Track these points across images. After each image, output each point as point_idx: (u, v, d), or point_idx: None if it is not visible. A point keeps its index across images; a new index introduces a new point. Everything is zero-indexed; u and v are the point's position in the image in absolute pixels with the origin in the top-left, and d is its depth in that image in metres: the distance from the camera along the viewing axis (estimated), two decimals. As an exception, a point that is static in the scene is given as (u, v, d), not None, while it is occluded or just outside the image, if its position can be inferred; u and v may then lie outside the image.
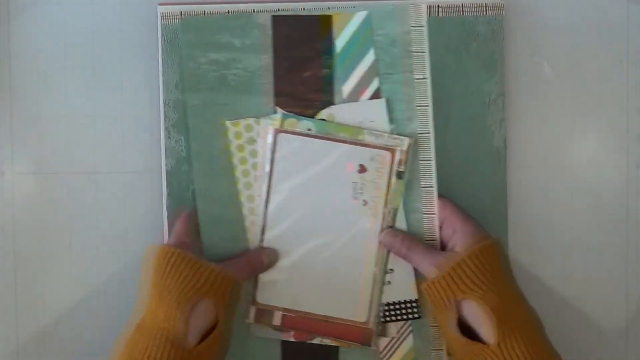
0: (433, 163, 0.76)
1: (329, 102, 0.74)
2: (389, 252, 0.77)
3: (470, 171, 0.82)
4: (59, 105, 0.82)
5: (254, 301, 0.76)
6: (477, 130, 0.82)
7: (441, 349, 0.78)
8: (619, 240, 0.84)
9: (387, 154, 0.74)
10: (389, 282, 0.76)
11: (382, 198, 0.74)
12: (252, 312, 0.76)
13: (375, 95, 0.74)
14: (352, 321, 0.75)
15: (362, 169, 0.74)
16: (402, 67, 0.74)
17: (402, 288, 0.76)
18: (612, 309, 0.84)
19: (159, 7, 0.80)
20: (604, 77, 0.84)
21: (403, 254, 0.76)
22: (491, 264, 0.73)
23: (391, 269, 0.76)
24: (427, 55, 0.74)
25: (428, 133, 0.75)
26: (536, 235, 0.84)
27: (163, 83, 0.80)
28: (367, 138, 0.74)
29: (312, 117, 0.74)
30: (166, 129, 0.80)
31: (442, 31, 0.81)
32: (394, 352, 0.77)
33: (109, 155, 0.82)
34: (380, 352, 0.79)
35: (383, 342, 0.78)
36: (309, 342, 0.78)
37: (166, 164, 0.80)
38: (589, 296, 0.84)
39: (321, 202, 0.74)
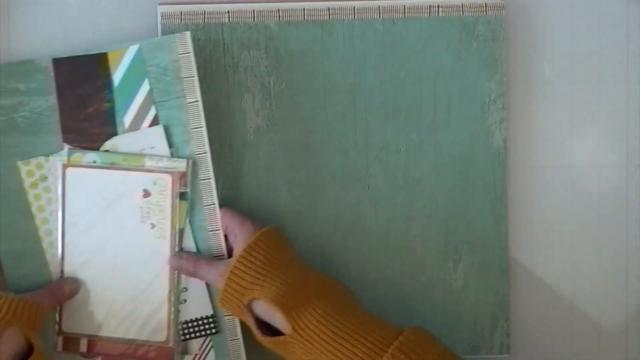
0: (212, 181, 0.77)
1: (113, 134, 0.77)
2: None
3: (470, 171, 0.82)
4: (59, 105, 0.82)
5: (60, 330, 0.78)
6: (477, 130, 0.82)
7: None
8: (618, 240, 0.84)
9: (168, 177, 0.76)
10: (185, 301, 0.78)
11: (169, 220, 0.77)
12: (60, 341, 0.78)
13: (154, 122, 0.77)
14: (153, 342, 0.78)
15: (147, 194, 0.77)
16: (175, 93, 0.77)
17: (197, 305, 0.78)
18: (612, 309, 0.84)
19: (159, 7, 0.80)
20: (604, 77, 0.84)
21: (191, 273, 0.77)
22: (265, 255, 0.74)
23: (185, 288, 0.78)
24: (196, 79, 0.76)
25: (205, 153, 0.77)
26: (536, 235, 0.84)
27: (163, 83, 0.80)
28: (149, 163, 0.77)
29: (98, 149, 0.77)
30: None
31: (442, 31, 0.82)
32: None
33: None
34: None
35: (187, 359, 0.79)
36: None
37: (166, 164, 0.81)
38: (589, 296, 0.84)
39: (114, 230, 0.77)
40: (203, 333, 0.78)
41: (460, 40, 0.82)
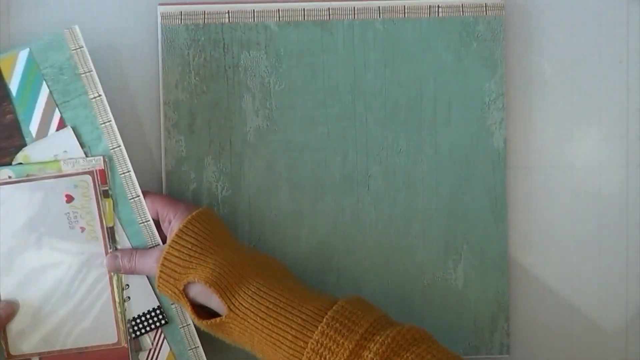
0: (132, 174, 0.76)
1: (22, 145, 0.76)
2: None
3: (470, 171, 0.82)
4: (58, 105, 0.82)
5: (9, 355, 0.77)
6: (477, 130, 0.82)
7: (197, 346, 0.78)
8: (619, 241, 0.84)
9: (88, 177, 0.76)
10: (129, 298, 0.77)
11: (96, 220, 0.76)
12: None
13: (61, 125, 0.76)
14: (104, 345, 0.77)
15: (69, 198, 0.76)
16: (77, 92, 0.76)
17: (142, 299, 0.77)
18: (612, 309, 0.84)
19: (159, 7, 0.80)
20: (604, 77, 0.84)
21: (130, 270, 0.76)
22: (196, 238, 0.73)
23: (127, 285, 0.77)
24: (94, 73, 0.75)
25: (119, 147, 0.76)
26: (536, 235, 0.84)
27: (163, 83, 0.80)
28: (65, 168, 0.76)
29: (10, 164, 0.76)
30: (166, 129, 0.80)
31: (442, 31, 0.82)
32: None
33: (109, 155, 0.82)
34: None
35: (142, 356, 0.78)
36: None
37: (166, 164, 0.81)
38: (589, 296, 0.84)
39: (45, 241, 0.76)
40: (153, 326, 0.77)
41: (460, 40, 0.82)
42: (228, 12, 0.80)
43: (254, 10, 0.81)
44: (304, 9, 0.81)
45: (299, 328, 0.69)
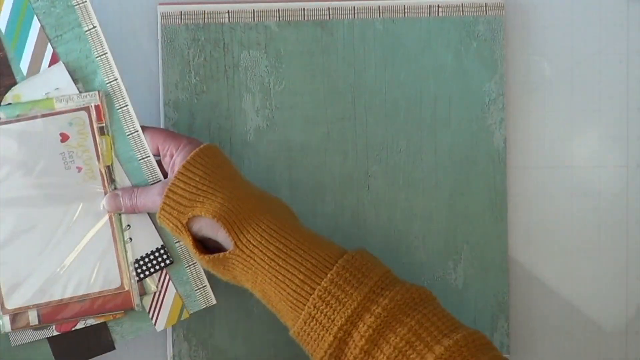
0: (130, 108, 0.73)
1: (13, 85, 0.73)
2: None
3: (470, 171, 0.82)
4: (58, 105, 0.82)
5: (4, 309, 0.73)
6: (477, 130, 0.82)
7: (205, 285, 0.76)
8: (619, 241, 0.84)
9: (84, 114, 0.72)
10: (131, 239, 0.74)
11: (94, 159, 0.73)
12: (7, 320, 0.74)
13: (54, 60, 0.73)
14: (107, 291, 0.74)
15: (65, 137, 0.72)
16: (70, 25, 0.73)
17: (145, 240, 0.74)
18: (612, 309, 0.84)
19: (159, 7, 0.80)
20: (604, 77, 0.84)
21: (131, 208, 0.73)
22: (204, 171, 0.70)
23: (128, 225, 0.74)
24: (88, 4, 0.72)
25: (116, 80, 0.73)
26: (536, 235, 0.84)
27: (163, 83, 0.80)
28: (59, 105, 0.72)
29: None
30: (166, 129, 0.80)
31: (442, 31, 0.82)
32: (161, 306, 0.76)
33: (109, 155, 0.82)
34: (149, 312, 0.76)
35: (147, 300, 0.75)
36: (73, 329, 0.75)
37: (166, 164, 0.81)
38: (589, 296, 0.84)
39: (41, 184, 0.73)
40: (157, 267, 0.74)
41: (460, 40, 0.82)
42: (228, 12, 0.80)
43: (254, 10, 0.81)
44: (304, 9, 0.81)
45: (307, 272, 0.68)
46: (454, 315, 0.69)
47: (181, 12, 0.80)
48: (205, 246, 0.72)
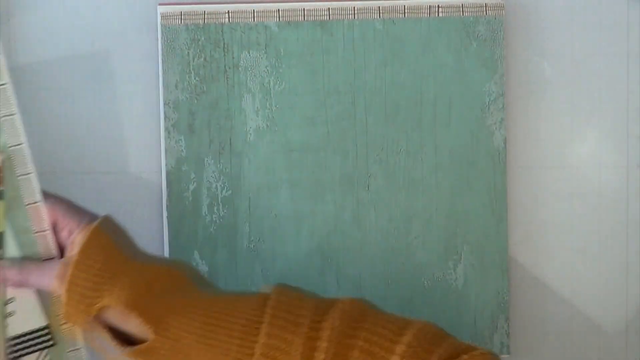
0: (33, 176, 0.67)
1: None
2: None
3: (470, 171, 0.82)
4: (58, 105, 0.82)
5: None
6: (477, 130, 0.82)
7: None
8: (619, 241, 0.84)
9: None
10: (12, 313, 0.68)
11: None
12: None
13: None
14: None
15: None
16: None
17: (27, 316, 0.68)
18: (612, 309, 0.84)
19: (159, 7, 0.80)
20: (604, 77, 0.84)
21: (19, 282, 0.67)
22: (104, 252, 0.65)
23: (11, 299, 0.68)
24: (2, 57, 0.66)
25: (21, 144, 0.67)
26: (536, 235, 0.84)
27: (163, 83, 0.80)
28: None
29: None
30: (166, 129, 0.80)
31: (442, 31, 0.82)
32: None
33: (109, 155, 0.82)
34: None
35: None
36: None
37: (166, 164, 0.81)
38: (589, 296, 0.84)
39: None
40: (37, 347, 0.68)
41: (460, 40, 0.82)
42: (228, 12, 0.80)
43: (254, 10, 0.81)
44: (304, 9, 0.81)
45: (240, 335, 0.63)
46: (398, 316, 0.66)
47: (181, 12, 0.80)
48: (122, 335, 0.66)
